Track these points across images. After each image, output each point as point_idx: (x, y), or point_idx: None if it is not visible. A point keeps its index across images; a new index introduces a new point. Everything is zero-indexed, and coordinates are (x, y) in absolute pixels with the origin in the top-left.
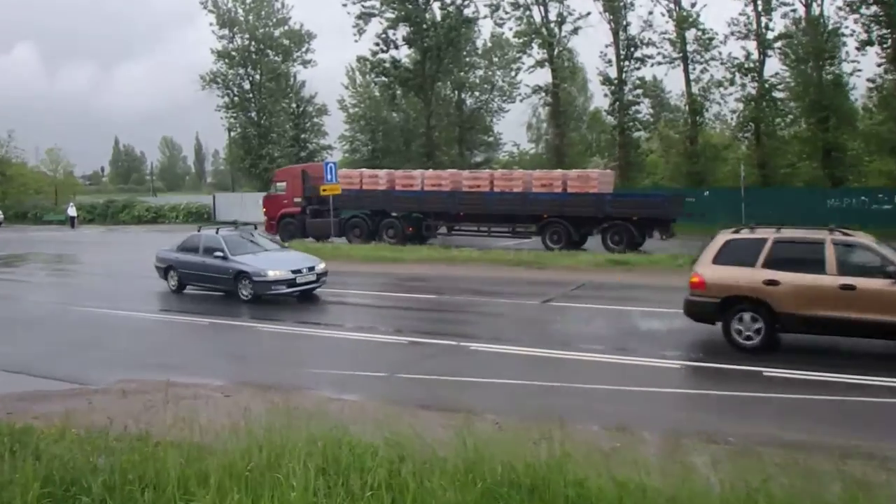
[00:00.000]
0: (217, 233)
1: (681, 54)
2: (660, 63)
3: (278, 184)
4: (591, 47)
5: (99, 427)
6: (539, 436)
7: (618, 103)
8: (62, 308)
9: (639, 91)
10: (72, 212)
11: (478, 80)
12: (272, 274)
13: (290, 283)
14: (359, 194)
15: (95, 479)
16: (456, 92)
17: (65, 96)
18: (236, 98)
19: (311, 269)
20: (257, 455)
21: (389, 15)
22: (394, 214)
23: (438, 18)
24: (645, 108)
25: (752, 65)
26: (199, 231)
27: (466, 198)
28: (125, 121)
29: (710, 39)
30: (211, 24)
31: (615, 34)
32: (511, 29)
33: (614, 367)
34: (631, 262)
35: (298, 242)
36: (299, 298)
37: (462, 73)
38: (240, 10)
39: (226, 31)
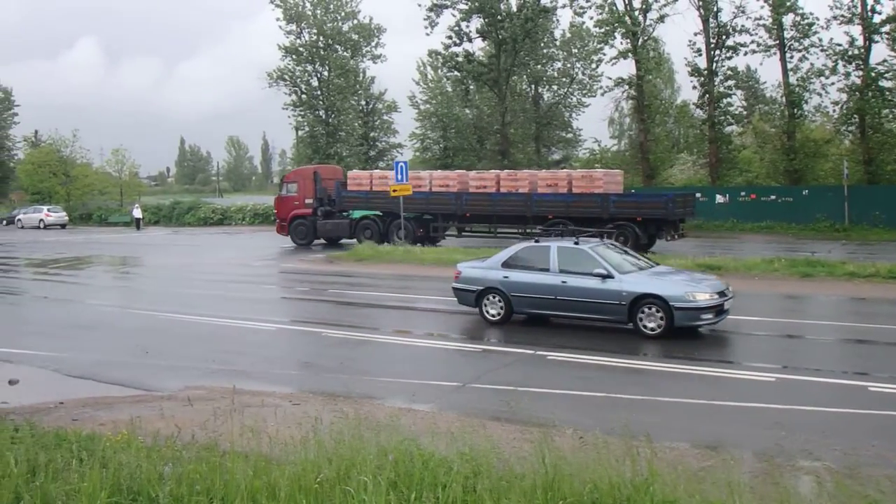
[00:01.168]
0: (577, 244)
1: (777, 41)
2: (754, 51)
3: (289, 185)
4: (679, 36)
5: (165, 435)
6: (623, 452)
7: (708, 96)
8: (127, 312)
9: (731, 82)
10: (137, 213)
11: (556, 74)
12: (701, 298)
13: (718, 309)
14: (368, 195)
15: (163, 489)
16: (532, 86)
17: (129, 95)
18: (304, 95)
19: (728, 289)
20: (327, 467)
21: (462, 6)
22: (406, 215)
23: (514, 9)
24: (737, 101)
25: (856, 51)
26: (536, 242)
27: (472, 199)
28: (190, 120)
29: (810, 25)
30: (278, 20)
31: (705, 21)
32: (592, 18)
33: (704, 380)
34: (722, 267)
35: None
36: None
37: (539, 66)
38: (308, 5)
39: (293, 27)
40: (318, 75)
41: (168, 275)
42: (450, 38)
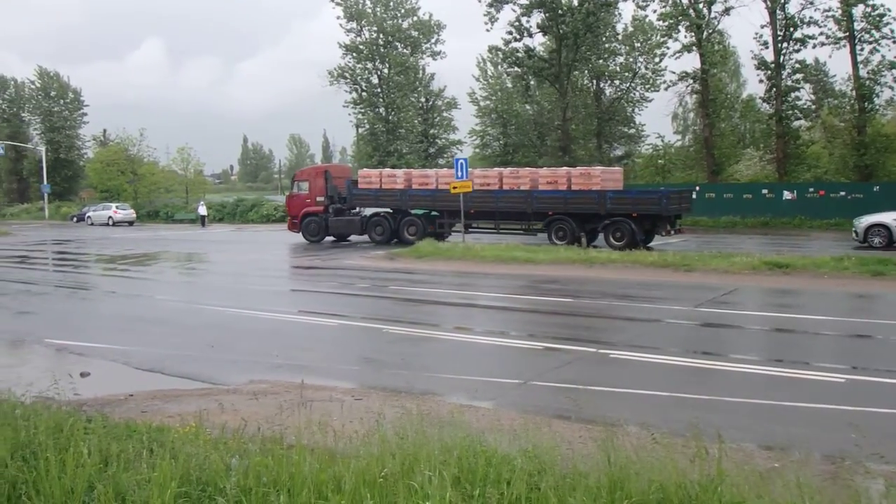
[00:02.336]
0: None
1: (847, 33)
2: (823, 44)
3: (300, 183)
4: (745, 28)
5: (232, 428)
6: (692, 452)
7: (775, 89)
8: (193, 307)
9: (799, 75)
10: (202, 210)
11: (618, 68)
12: None
13: None
14: (377, 193)
15: (230, 481)
16: (594, 81)
17: (193, 94)
18: (364, 93)
19: None
20: (390, 462)
21: (523, 1)
22: (413, 212)
23: (575, 3)
24: (806, 95)
25: None
26: None
27: (477, 196)
28: (253, 118)
29: (881, 16)
30: (338, 18)
31: (772, 13)
32: (655, 11)
33: (770, 380)
34: (791, 265)
35: (397, 245)
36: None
37: (601, 61)
38: (368, 2)
39: (353, 25)
40: (378, 73)
41: (232, 271)
42: (510, 33)
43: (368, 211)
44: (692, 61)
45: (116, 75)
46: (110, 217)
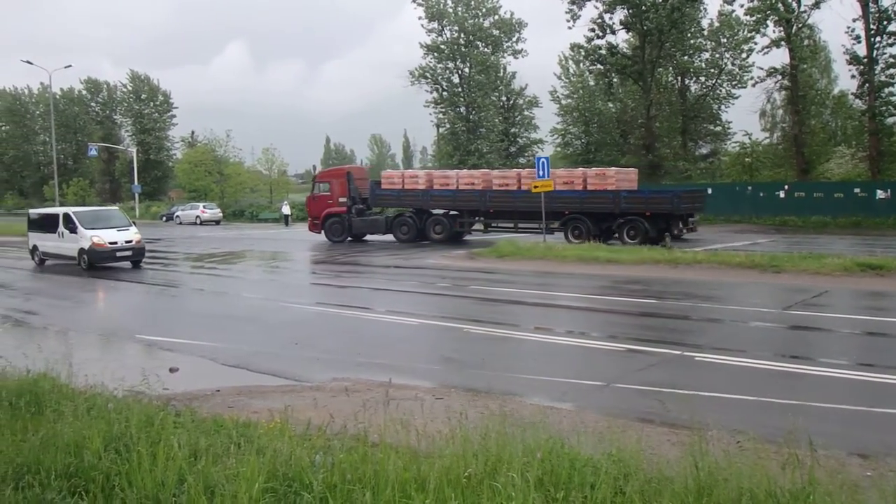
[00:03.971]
0: None
1: None
2: None
3: (321, 185)
4: (836, 22)
5: (316, 425)
6: (781, 459)
7: (867, 85)
8: (278, 305)
9: (893, 70)
10: (286, 210)
11: (703, 65)
12: None
13: None
14: (400, 194)
15: (316, 477)
16: (679, 78)
17: (277, 96)
18: (445, 93)
19: None
20: (474, 462)
21: None
22: (436, 212)
23: None
24: None
25: None
26: None
27: (496, 196)
28: (335, 119)
29: None
30: (420, 18)
31: (864, 6)
32: (742, 6)
33: (862, 386)
34: (885, 267)
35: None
36: None
37: (686, 58)
38: (449, 2)
39: (435, 24)
40: (459, 72)
41: (315, 269)
42: (592, 30)
43: (392, 211)
44: (781, 57)
45: (204, 78)
46: (198, 216)
